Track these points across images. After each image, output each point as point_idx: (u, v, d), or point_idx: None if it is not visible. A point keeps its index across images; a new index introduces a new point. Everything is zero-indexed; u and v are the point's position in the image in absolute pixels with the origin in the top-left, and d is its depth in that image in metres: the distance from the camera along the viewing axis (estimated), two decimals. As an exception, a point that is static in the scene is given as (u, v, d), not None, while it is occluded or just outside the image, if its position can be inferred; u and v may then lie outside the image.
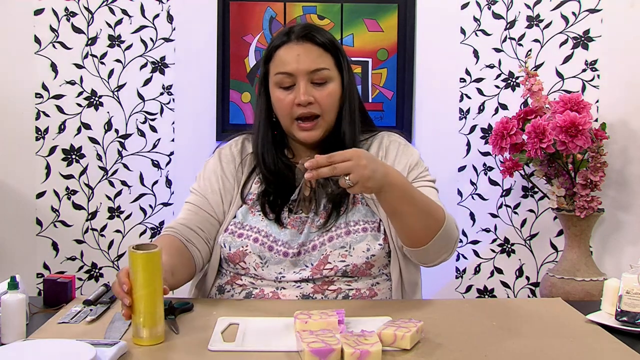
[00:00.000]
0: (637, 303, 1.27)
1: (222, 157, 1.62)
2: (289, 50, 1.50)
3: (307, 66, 1.48)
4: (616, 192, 2.36)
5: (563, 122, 2.02)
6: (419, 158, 1.60)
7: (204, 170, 1.62)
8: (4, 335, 1.18)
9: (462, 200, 2.43)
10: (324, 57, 1.50)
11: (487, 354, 1.14)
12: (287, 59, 1.49)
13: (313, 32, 1.51)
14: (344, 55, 1.55)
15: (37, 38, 2.37)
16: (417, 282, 1.60)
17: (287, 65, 1.49)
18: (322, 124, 1.51)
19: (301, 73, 1.48)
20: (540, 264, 2.44)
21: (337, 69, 1.53)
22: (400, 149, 1.59)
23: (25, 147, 2.40)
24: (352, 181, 1.24)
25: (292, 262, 1.47)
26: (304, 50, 1.49)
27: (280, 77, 1.50)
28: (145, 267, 1.16)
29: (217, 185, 1.57)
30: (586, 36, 2.36)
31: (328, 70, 1.50)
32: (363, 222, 1.50)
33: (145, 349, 1.16)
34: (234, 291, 1.53)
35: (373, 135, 1.63)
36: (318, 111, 1.49)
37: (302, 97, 1.47)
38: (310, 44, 1.50)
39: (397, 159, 1.56)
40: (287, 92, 1.50)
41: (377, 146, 1.60)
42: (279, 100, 1.51)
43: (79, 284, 2.42)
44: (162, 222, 2.43)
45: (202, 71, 2.39)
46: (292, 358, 1.12)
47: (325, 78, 1.50)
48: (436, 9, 2.38)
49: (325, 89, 1.50)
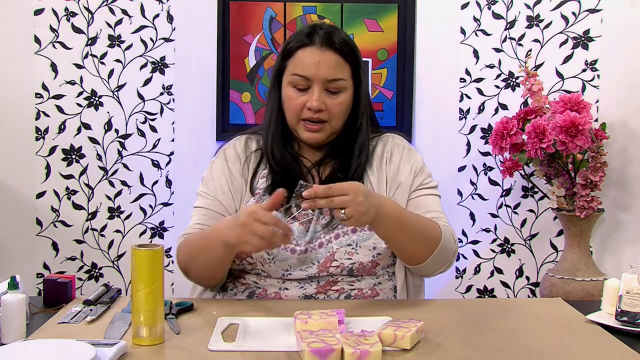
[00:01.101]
0: (637, 303, 1.27)
1: (228, 156, 1.61)
2: (310, 54, 1.51)
3: (325, 75, 1.49)
4: (616, 192, 2.36)
5: (563, 122, 2.02)
6: (423, 163, 1.62)
7: (210, 172, 1.61)
8: (4, 335, 1.18)
9: (462, 200, 2.43)
10: (342, 67, 1.52)
11: (487, 354, 1.14)
12: (307, 62, 1.50)
13: (336, 39, 1.52)
14: (361, 65, 1.57)
15: (37, 38, 2.37)
16: (421, 285, 1.61)
17: (306, 69, 1.50)
18: (327, 129, 1.53)
19: (318, 80, 1.50)
20: (540, 264, 2.44)
21: (353, 79, 1.55)
22: (405, 153, 1.60)
23: (25, 147, 2.40)
24: (347, 215, 1.28)
25: (299, 259, 1.48)
26: (325, 58, 1.50)
27: (297, 78, 1.51)
28: (147, 265, 1.17)
29: (227, 186, 1.57)
30: (586, 36, 2.36)
31: (344, 81, 1.52)
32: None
33: (145, 349, 1.16)
34: (236, 289, 1.53)
35: (377, 136, 1.64)
36: (326, 117, 1.52)
37: (314, 103, 1.49)
38: (331, 52, 1.51)
39: (402, 163, 1.58)
40: (300, 93, 1.52)
41: (381, 148, 1.61)
42: (290, 99, 1.53)
43: (79, 284, 2.42)
44: (162, 222, 2.43)
45: (202, 71, 2.39)
46: (292, 358, 1.12)
47: (340, 88, 1.52)
48: (436, 9, 2.38)
49: (338, 98, 1.52)
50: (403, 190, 1.55)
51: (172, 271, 2.37)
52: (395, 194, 1.55)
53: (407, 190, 1.56)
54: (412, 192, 1.56)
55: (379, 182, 1.56)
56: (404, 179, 1.56)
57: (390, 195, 1.54)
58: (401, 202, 1.53)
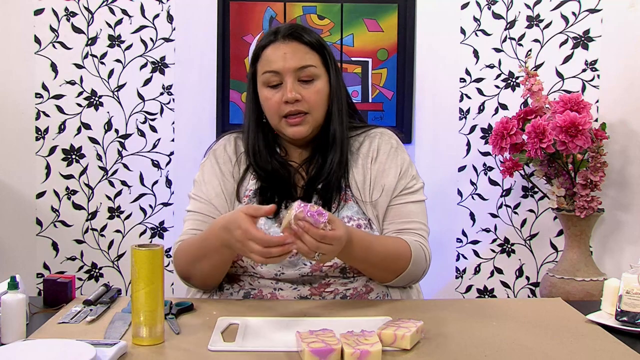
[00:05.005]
0: (637, 303, 1.27)
1: (218, 157, 1.60)
2: (275, 49, 1.50)
3: (293, 64, 1.48)
4: (616, 192, 2.36)
5: (563, 122, 2.02)
6: (409, 163, 1.59)
7: (202, 175, 1.60)
8: (4, 335, 1.18)
9: (462, 200, 2.43)
10: (310, 55, 1.51)
11: (487, 354, 1.14)
12: (274, 57, 1.49)
13: (299, 31, 1.52)
14: (331, 54, 1.56)
15: (37, 38, 2.37)
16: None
17: (273, 64, 1.49)
18: (309, 121, 1.51)
19: (288, 71, 1.48)
20: (540, 264, 2.44)
21: (324, 67, 1.53)
22: (392, 152, 1.57)
23: (25, 147, 2.40)
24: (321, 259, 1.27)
25: (290, 260, 1.47)
26: (290, 49, 1.49)
27: (268, 75, 1.50)
28: (147, 265, 1.16)
29: (220, 188, 1.56)
30: (586, 36, 2.36)
31: (315, 68, 1.50)
32: (356, 218, 1.51)
33: (145, 349, 1.16)
34: (232, 289, 1.53)
35: (365, 132, 1.62)
36: (305, 109, 1.50)
37: (289, 95, 1.47)
38: (296, 42, 1.50)
39: (387, 164, 1.56)
40: (274, 90, 1.50)
41: (367, 146, 1.58)
42: (266, 99, 1.51)
43: (79, 284, 2.42)
44: (162, 222, 2.43)
45: (202, 71, 2.39)
46: (292, 358, 1.11)
47: (312, 75, 1.50)
48: (436, 9, 2.39)
49: (313, 87, 1.50)
50: (387, 193, 1.53)
51: (172, 271, 2.35)
52: (380, 197, 1.53)
53: (390, 194, 1.53)
54: (394, 197, 1.53)
55: (364, 180, 1.54)
56: (388, 182, 1.54)
57: (374, 197, 1.53)
58: (384, 205, 1.52)
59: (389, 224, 1.53)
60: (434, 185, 1.61)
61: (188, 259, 1.47)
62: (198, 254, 1.43)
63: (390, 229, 1.52)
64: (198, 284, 1.52)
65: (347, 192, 1.53)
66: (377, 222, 1.52)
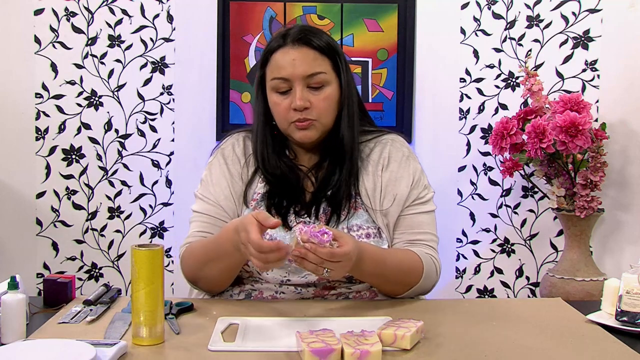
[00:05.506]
0: (637, 303, 1.27)
1: (227, 158, 1.57)
2: (284, 54, 1.47)
3: (302, 71, 1.46)
4: (616, 192, 2.36)
5: (563, 122, 2.02)
6: (421, 172, 1.58)
7: (210, 175, 1.56)
8: (4, 335, 1.18)
9: (462, 200, 2.43)
10: (320, 61, 1.48)
11: (487, 354, 1.14)
12: (283, 63, 1.47)
13: (309, 35, 1.49)
14: (342, 57, 1.53)
15: (37, 38, 2.37)
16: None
17: (282, 70, 1.47)
18: (317, 126, 1.49)
19: (297, 78, 1.46)
20: (540, 264, 2.44)
21: (335, 72, 1.50)
22: (403, 161, 1.56)
23: (25, 147, 2.40)
24: (330, 275, 1.27)
25: (296, 267, 1.46)
26: (299, 55, 1.46)
27: (277, 82, 1.48)
28: (147, 265, 1.16)
29: (229, 190, 1.53)
30: (586, 36, 2.36)
31: (325, 74, 1.48)
32: (366, 227, 1.49)
33: (145, 349, 1.16)
34: (232, 291, 1.52)
35: (377, 137, 1.60)
36: (313, 116, 1.47)
37: (297, 102, 1.45)
38: (306, 47, 1.47)
39: (399, 172, 1.54)
40: (283, 96, 1.48)
41: (378, 153, 1.56)
42: (275, 105, 1.49)
43: (79, 284, 2.42)
44: (162, 222, 2.43)
45: (202, 71, 2.39)
46: (292, 358, 1.11)
47: (321, 82, 1.48)
48: (436, 9, 2.39)
49: (322, 93, 1.48)
50: (398, 202, 1.52)
51: (172, 271, 2.37)
52: (392, 206, 1.51)
53: (402, 204, 1.52)
54: (406, 207, 1.53)
55: (374, 188, 1.52)
56: (400, 191, 1.52)
57: (384, 205, 1.51)
58: (395, 214, 1.51)
59: (400, 234, 1.52)
60: (434, 185, 1.60)
61: (197, 262, 1.45)
62: (208, 256, 1.41)
63: (402, 239, 1.51)
64: (205, 288, 1.50)
65: (357, 200, 1.51)
66: (386, 231, 1.50)
